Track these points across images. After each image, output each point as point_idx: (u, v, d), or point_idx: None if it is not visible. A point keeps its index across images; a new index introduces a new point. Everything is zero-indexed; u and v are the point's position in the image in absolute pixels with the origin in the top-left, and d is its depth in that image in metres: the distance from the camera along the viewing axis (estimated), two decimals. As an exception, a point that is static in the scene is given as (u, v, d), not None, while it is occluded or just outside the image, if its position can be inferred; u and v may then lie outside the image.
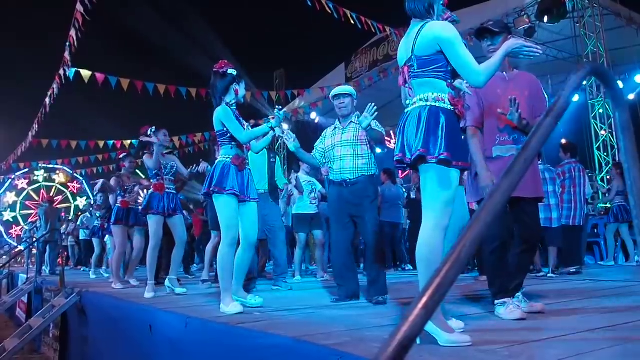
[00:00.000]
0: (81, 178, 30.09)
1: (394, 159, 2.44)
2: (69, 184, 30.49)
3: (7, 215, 29.66)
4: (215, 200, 3.56)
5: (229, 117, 3.58)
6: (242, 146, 3.70)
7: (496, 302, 2.83)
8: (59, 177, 30.65)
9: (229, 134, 3.62)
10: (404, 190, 7.92)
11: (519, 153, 0.72)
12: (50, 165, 27.63)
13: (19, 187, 29.93)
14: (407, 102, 2.47)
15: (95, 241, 8.84)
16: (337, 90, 4.17)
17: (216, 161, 3.68)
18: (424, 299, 0.57)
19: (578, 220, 6.46)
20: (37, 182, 30.50)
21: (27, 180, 30.08)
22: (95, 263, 9.04)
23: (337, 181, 3.95)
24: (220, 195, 3.51)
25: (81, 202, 28.49)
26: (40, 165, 25.91)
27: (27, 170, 26.00)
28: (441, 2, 2.47)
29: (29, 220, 29.20)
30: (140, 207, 5.82)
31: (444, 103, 2.31)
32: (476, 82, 2.28)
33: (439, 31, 2.30)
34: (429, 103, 2.31)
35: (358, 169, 3.91)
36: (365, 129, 3.67)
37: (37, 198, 28.39)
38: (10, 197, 29.82)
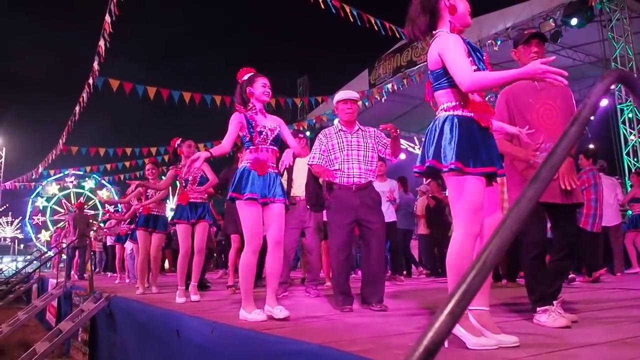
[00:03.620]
0: (120, 208, 30.37)
1: (414, 170, 2.49)
2: (106, 206, 30.88)
3: (40, 202, 30.44)
4: (238, 206, 3.43)
5: (232, 123, 3.46)
6: (258, 149, 3.46)
7: (538, 309, 2.81)
8: (101, 194, 31.24)
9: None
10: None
11: (544, 160, 0.72)
12: (105, 181, 28.27)
13: (65, 184, 30.67)
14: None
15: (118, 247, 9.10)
16: (345, 95, 4.12)
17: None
18: (450, 305, 0.58)
19: (598, 227, 6.44)
20: (83, 187, 31.22)
21: (75, 182, 30.84)
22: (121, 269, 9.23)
23: (345, 184, 3.88)
24: (238, 200, 3.39)
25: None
26: (94, 174, 26.53)
27: (82, 173, 26.54)
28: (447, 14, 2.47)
29: (54, 217, 30.02)
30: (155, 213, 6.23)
31: (461, 111, 2.34)
32: (461, 87, 2.27)
33: (437, 45, 2.38)
34: (447, 113, 2.36)
35: (368, 173, 3.92)
36: None
37: (74, 202, 28.93)
38: (53, 189, 30.56)
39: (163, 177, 6.26)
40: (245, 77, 3.56)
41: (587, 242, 6.33)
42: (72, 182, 30.79)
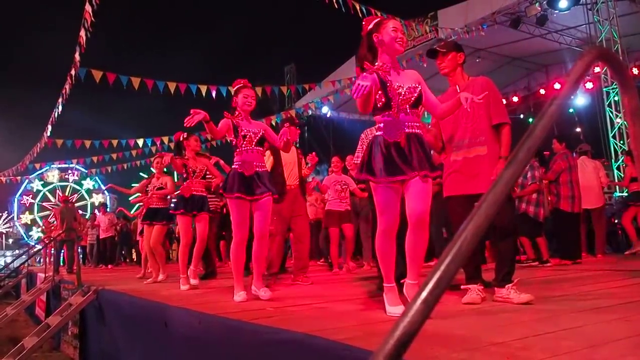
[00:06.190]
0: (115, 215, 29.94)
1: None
2: (96, 209, 30.22)
3: (36, 185, 30.25)
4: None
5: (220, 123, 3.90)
6: (243, 152, 3.96)
7: (507, 286, 3.03)
8: (94, 198, 30.88)
9: None
10: None
11: (522, 141, 0.70)
12: (102, 187, 28.03)
13: (64, 177, 30.43)
14: None
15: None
16: None
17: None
18: (424, 294, 0.56)
19: (578, 208, 6.58)
20: (80, 184, 30.91)
21: (76, 178, 30.55)
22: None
23: None
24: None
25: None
26: (95, 176, 26.31)
27: (85, 169, 26.31)
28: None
29: (43, 203, 29.80)
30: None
31: None
32: None
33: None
34: None
35: None
36: None
37: (66, 195, 28.43)
38: (53, 177, 30.33)
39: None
40: (234, 88, 4.04)
41: (565, 223, 6.50)
42: (74, 176, 30.55)
